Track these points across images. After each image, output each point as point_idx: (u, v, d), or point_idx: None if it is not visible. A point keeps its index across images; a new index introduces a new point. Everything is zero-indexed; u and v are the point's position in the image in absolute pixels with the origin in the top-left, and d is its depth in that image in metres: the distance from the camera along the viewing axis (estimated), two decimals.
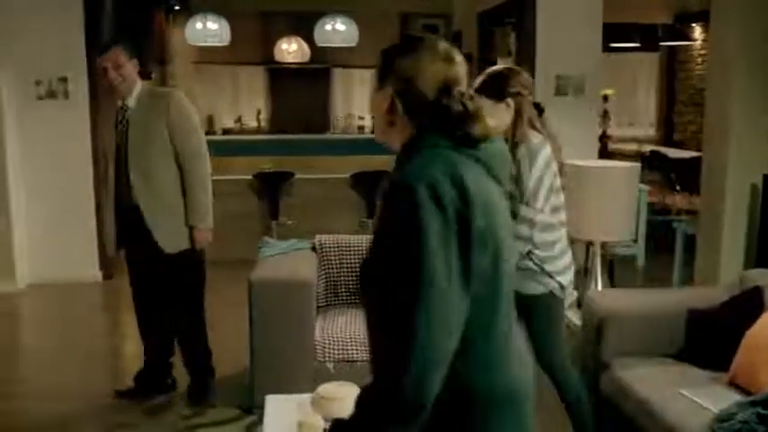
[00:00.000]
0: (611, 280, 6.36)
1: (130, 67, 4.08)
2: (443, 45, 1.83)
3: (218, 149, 9.02)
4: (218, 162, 8.07)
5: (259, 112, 12.06)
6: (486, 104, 3.13)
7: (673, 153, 9.63)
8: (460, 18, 11.65)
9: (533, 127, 3.29)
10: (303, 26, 11.21)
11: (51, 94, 6.73)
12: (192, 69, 11.85)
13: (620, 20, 9.05)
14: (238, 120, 11.79)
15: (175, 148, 4.07)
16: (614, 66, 10.93)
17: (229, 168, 8.02)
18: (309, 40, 10.75)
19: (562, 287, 3.32)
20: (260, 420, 3.40)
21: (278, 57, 11.41)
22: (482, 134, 1.73)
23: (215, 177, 6.80)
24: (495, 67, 3.41)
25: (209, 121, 11.53)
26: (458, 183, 1.60)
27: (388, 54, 1.81)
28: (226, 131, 11.21)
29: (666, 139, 11.25)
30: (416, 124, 1.76)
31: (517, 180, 3.19)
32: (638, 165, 4.48)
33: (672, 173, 9.04)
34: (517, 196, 3.17)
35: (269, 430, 2.99)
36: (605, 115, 10.44)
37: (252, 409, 4.10)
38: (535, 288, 3.27)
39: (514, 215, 3.14)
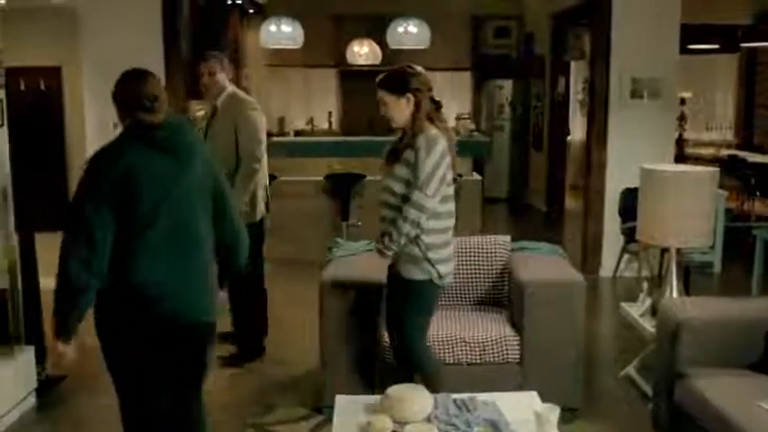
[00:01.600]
0: (686, 287, 6.21)
1: (222, 77, 4.97)
2: (137, 72, 2.99)
3: (289, 150, 9.14)
4: (289, 163, 8.23)
5: (330, 114, 12.15)
6: (388, 98, 3.57)
7: (752, 157, 9.36)
8: (533, 19, 11.55)
9: (431, 121, 3.56)
10: (375, 29, 11.26)
11: None
12: (265, 71, 12.01)
13: (699, 20, 8.83)
14: (310, 121, 11.89)
15: (238, 146, 4.82)
16: (691, 68, 10.67)
17: (301, 169, 8.10)
18: (381, 42, 10.79)
19: (440, 276, 3.55)
20: (329, 420, 3.44)
21: (350, 59, 11.47)
22: (150, 123, 2.86)
23: (287, 178, 6.93)
24: (396, 66, 3.71)
25: (281, 123, 11.66)
26: (116, 157, 2.78)
27: None
28: (297, 133, 11.30)
29: (745, 143, 10.93)
30: (129, 121, 2.90)
31: (414, 167, 3.45)
32: (716, 169, 4.35)
33: (751, 178, 8.79)
34: (413, 182, 3.45)
35: (338, 430, 3.01)
36: (682, 118, 10.21)
37: (321, 408, 4.14)
38: (414, 273, 3.53)
39: (408, 199, 3.46)
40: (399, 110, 3.56)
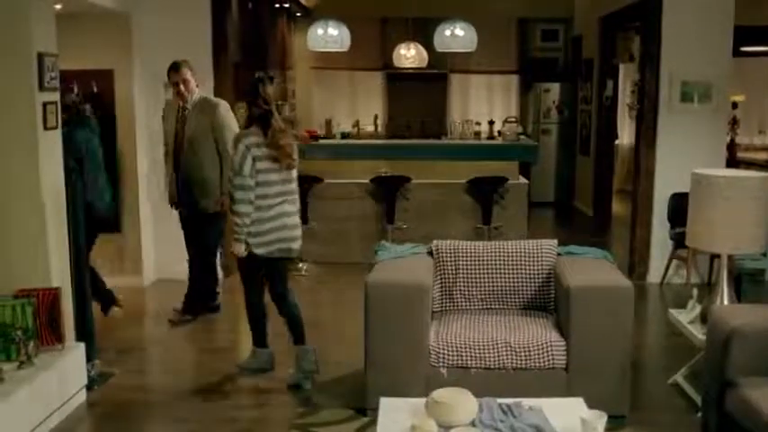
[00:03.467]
0: (738, 295, 6.09)
1: (193, 81, 5.67)
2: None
3: (336, 153, 9.19)
4: (335, 165, 8.27)
5: (376, 117, 12.17)
6: (240, 104, 5.04)
7: None
8: (581, 22, 11.44)
9: (257, 125, 4.43)
10: (422, 31, 11.27)
11: None
12: (311, 74, 12.10)
13: (753, 22, 8.64)
14: (356, 124, 11.93)
15: (216, 140, 5.64)
16: (744, 70, 10.46)
17: (347, 172, 8.12)
18: (428, 45, 10.79)
19: (261, 245, 4.47)
20: (373, 422, 3.44)
21: (396, 62, 11.47)
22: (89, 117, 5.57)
23: (333, 181, 6.97)
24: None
25: (327, 125, 11.71)
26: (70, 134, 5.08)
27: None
28: (344, 135, 11.34)
29: None
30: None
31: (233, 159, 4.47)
32: None
33: None
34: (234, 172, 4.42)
35: None
36: (734, 122, 10.01)
37: (365, 410, 4.14)
38: (243, 248, 4.47)
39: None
40: (242, 113, 4.81)
